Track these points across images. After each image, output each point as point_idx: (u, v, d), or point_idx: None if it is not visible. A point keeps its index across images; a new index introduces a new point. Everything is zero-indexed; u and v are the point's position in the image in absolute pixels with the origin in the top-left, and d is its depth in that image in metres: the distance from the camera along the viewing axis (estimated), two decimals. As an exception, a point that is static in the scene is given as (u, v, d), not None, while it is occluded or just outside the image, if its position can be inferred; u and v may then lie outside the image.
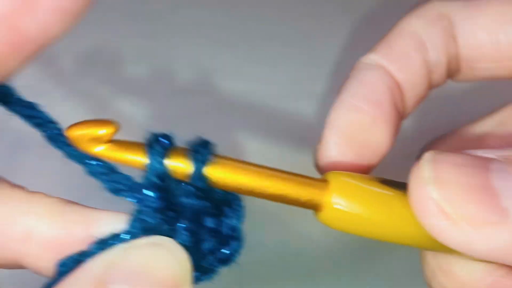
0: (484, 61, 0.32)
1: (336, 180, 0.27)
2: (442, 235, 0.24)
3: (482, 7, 0.32)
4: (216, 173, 0.26)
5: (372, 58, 0.32)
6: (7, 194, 0.25)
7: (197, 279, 0.26)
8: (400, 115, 0.32)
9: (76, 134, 0.24)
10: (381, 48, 0.32)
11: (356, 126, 0.30)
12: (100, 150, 0.25)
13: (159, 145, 0.25)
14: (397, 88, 0.31)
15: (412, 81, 0.32)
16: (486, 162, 0.24)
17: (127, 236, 0.24)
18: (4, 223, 0.24)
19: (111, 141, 0.25)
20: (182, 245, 0.24)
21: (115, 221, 0.25)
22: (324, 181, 0.27)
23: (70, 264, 0.24)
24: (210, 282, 0.27)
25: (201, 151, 0.26)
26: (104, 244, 0.24)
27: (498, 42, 0.31)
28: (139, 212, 0.25)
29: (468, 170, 0.24)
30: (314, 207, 0.26)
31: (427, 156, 0.25)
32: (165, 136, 0.26)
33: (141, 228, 0.24)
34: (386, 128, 0.31)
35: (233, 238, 0.26)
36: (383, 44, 0.32)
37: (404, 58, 0.31)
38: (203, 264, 0.26)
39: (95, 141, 0.25)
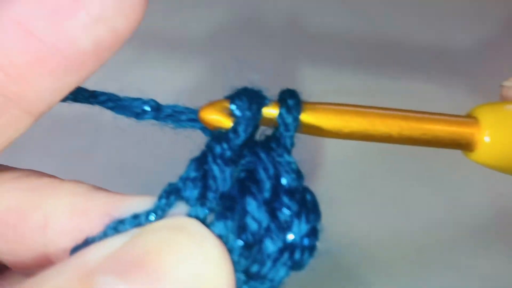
0: None
1: (485, 115, 0.25)
2: None
3: None
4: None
5: None
6: (34, 183, 0.22)
7: None
8: None
9: (210, 118, 0.21)
10: None
11: None
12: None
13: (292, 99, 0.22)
14: None
15: None
16: None
17: (154, 217, 0.19)
18: (29, 209, 0.21)
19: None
20: (226, 236, 0.18)
21: (141, 202, 0.20)
22: (471, 117, 0.25)
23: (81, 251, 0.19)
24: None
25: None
26: (121, 225, 0.19)
27: None
28: (171, 186, 0.20)
29: None
30: (466, 147, 0.25)
31: None
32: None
33: (171, 204, 0.19)
34: None
35: (311, 235, 0.20)
36: None
37: None
38: (264, 268, 0.20)
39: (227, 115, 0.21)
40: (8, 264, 0.22)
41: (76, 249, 0.19)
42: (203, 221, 0.19)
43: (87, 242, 0.19)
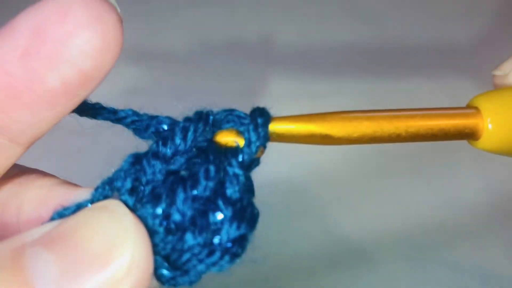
0: None
1: (486, 104, 0.26)
2: None
3: None
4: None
5: None
6: (23, 177, 0.25)
7: (170, 279, 0.21)
8: None
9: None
10: None
11: None
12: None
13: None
14: None
15: None
16: None
17: (89, 204, 0.21)
18: (10, 200, 0.24)
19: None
20: (142, 212, 0.21)
21: (86, 193, 0.22)
22: (473, 108, 0.26)
23: None
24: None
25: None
26: (64, 212, 0.21)
27: None
28: (109, 179, 0.22)
29: None
30: (470, 136, 0.26)
31: None
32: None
33: (107, 195, 0.21)
34: None
35: (237, 242, 0.21)
36: None
37: None
38: (182, 257, 0.21)
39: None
40: None
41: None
42: (131, 207, 0.21)
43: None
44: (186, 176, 0.22)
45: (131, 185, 0.22)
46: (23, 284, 0.18)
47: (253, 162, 0.23)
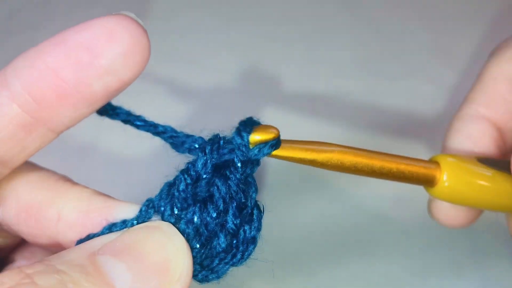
0: None
1: (446, 161, 0.33)
2: None
3: None
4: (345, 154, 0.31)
5: (474, 108, 0.34)
6: (56, 185, 0.29)
7: (203, 278, 0.28)
8: (504, 154, 0.35)
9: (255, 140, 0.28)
10: (480, 96, 0.34)
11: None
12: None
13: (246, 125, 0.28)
14: (499, 136, 0.34)
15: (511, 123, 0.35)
16: None
17: (136, 222, 0.27)
18: (46, 206, 0.29)
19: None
20: (187, 233, 0.26)
21: (130, 209, 0.28)
22: (434, 162, 0.33)
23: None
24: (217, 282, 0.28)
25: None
26: (113, 227, 0.27)
27: None
28: (151, 199, 0.27)
29: None
30: (427, 182, 0.32)
31: None
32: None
33: (151, 214, 0.27)
34: None
35: (250, 240, 0.28)
36: (480, 91, 0.35)
37: (504, 104, 0.34)
38: (214, 262, 0.27)
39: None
40: (29, 241, 0.30)
41: (80, 241, 0.27)
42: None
43: (88, 237, 0.27)
44: (208, 197, 0.27)
45: (170, 211, 0.27)
46: (105, 287, 0.24)
47: (252, 164, 0.28)
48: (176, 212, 0.27)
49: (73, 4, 0.74)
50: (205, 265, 0.27)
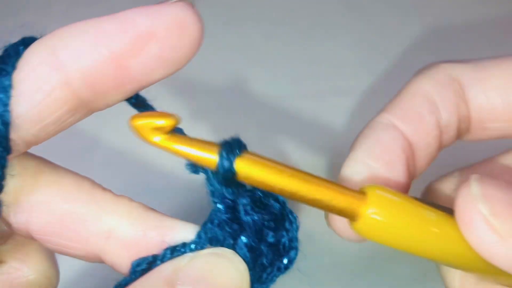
0: (496, 121, 0.33)
1: (373, 193, 0.27)
2: (488, 251, 0.24)
3: (491, 70, 0.33)
4: (259, 171, 0.26)
5: (387, 118, 0.32)
6: (97, 195, 0.28)
7: None
8: (411, 175, 0.33)
9: (138, 124, 0.25)
10: (395, 108, 0.33)
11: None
12: (157, 140, 0.25)
13: (234, 146, 0.26)
14: (410, 149, 0.32)
15: (425, 142, 0.33)
16: None
17: (194, 246, 0.27)
18: (92, 219, 0.27)
19: (171, 133, 0.26)
20: (243, 258, 0.27)
21: (186, 231, 0.28)
22: (361, 193, 0.27)
23: (144, 265, 0.27)
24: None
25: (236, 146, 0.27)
26: (174, 251, 0.27)
27: (508, 101, 0.32)
28: (206, 224, 0.28)
29: None
30: (349, 216, 0.27)
31: (475, 176, 0.26)
32: (238, 141, 0.27)
33: (207, 239, 0.27)
34: (397, 189, 0.31)
35: (291, 248, 0.28)
36: (396, 104, 0.33)
37: (418, 120, 0.32)
38: (263, 276, 0.28)
39: (157, 131, 0.25)
40: (57, 251, 0.28)
41: (138, 261, 0.27)
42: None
43: (148, 259, 0.27)
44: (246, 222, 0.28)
45: (229, 238, 0.27)
46: None
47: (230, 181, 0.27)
48: (231, 239, 0.27)
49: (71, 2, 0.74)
50: (254, 280, 0.28)
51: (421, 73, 0.34)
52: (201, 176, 0.27)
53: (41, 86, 0.23)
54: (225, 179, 0.26)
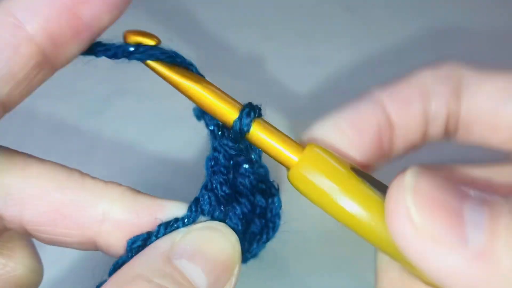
0: (480, 126, 0.33)
1: (310, 149, 0.29)
2: (403, 240, 0.25)
3: (492, 76, 0.33)
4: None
5: (376, 94, 0.33)
6: (87, 183, 0.29)
7: (245, 261, 0.30)
8: (384, 153, 0.33)
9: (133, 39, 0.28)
10: (388, 88, 0.33)
11: (333, 145, 0.32)
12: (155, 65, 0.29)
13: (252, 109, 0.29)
14: (388, 128, 0.33)
15: (406, 126, 0.33)
16: (465, 192, 0.25)
17: (187, 219, 0.28)
18: (85, 205, 0.28)
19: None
20: (235, 228, 0.29)
21: (177, 207, 0.29)
22: (302, 146, 0.30)
23: (139, 242, 0.28)
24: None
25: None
26: (168, 226, 0.28)
27: (497, 111, 0.32)
28: (200, 193, 0.29)
29: (447, 192, 0.25)
30: (287, 165, 0.29)
31: (415, 167, 0.26)
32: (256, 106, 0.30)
33: (199, 212, 0.29)
34: (358, 157, 0.32)
35: (277, 215, 0.31)
36: (391, 85, 0.34)
37: (405, 103, 0.33)
38: (253, 245, 0.30)
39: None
40: (48, 242, 0.29)
41: (133, 239, 0.28)
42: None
43: (143, 236, 0.28)
44: (237, 192, 0.30)
45: (218, 210, 0.29)
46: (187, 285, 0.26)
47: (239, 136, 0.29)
48: (222, 209, 0.29)
49: None
50: (245, 249, 0.30)
51: (429, 67, 0.34)
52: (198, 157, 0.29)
53: (7, 44, 0.26)
54: (237, 135, 0.29)
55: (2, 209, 0.27)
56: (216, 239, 0.28)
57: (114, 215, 0.28)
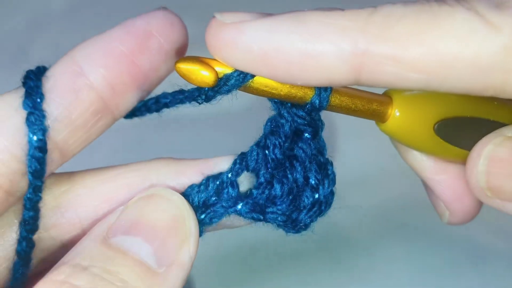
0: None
1: (398, 97, 0.30)
2: None
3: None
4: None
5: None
6: (129, 168, 0.30)
7: (295, 229, 0.29)
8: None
9: (183, 68, 0.27)
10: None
11: None
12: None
13: None
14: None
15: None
16: None
17: (231, 174, 0.29)
18: (135, 185, 0.29)
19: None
20: (280, 194, 0.28)
21: (223, 162, 0.29)
22: (387, 97, 0.31)
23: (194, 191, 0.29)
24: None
25: None
26: (211, 179, 0.29)
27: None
28: (242, 154, 0.29)
29: None
30: (379, 117, 0.30)
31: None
32: None
33: (244, 166, 0.29)
34: None
35: (328, 197, 0.29)
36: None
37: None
38: (300, 215, 0.29)
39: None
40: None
41: (189, 188, 0.29)
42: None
43: (188, 189, 0.29)
44: (293, 156, 0.29)
45: (264, 169, 0.29)
46: (135, 263, 0.25)
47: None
48: (269, 170, 0.29)
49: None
50: (294, 217, 0.29)
51: None
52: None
53: (68, 90, 0.26)
54: (315, 108, 0.28)
55: (59, 218, 0.29)
56: (154, 205, 0.27)
57: (165, 182, 0.29)
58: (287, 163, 0.29)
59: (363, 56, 0.23)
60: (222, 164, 0.29)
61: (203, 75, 0.26)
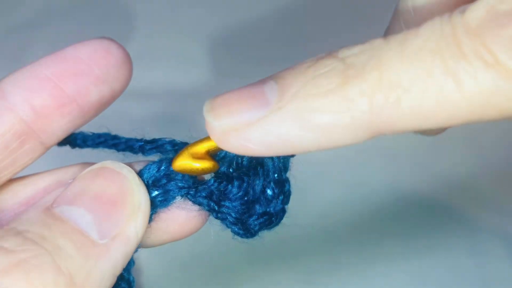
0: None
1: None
2: None
3: None
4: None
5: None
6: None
7: (238, 233, 0.30)
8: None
9: (180, 164, 0.28)
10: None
11: None
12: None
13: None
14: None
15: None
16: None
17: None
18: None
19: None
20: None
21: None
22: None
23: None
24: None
25: None
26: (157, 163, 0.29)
27: None
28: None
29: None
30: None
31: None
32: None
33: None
34: None
35: (278, 213, 0.30)
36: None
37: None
38: (249, 220, 0.29)
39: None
40: None
41: (146, 166, 0.29)
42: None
43: (145, 167, 0.29)
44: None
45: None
46: (74, 231, 0.24)
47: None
48: (232, 169, 0.29)
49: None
50: (243, 220, 0.29)
51: None
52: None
53: None
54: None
55: None
56: (100, 176, 0.26)
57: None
58: (251, 169, 0.29)
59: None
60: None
61: (205, 167, 0.27)
